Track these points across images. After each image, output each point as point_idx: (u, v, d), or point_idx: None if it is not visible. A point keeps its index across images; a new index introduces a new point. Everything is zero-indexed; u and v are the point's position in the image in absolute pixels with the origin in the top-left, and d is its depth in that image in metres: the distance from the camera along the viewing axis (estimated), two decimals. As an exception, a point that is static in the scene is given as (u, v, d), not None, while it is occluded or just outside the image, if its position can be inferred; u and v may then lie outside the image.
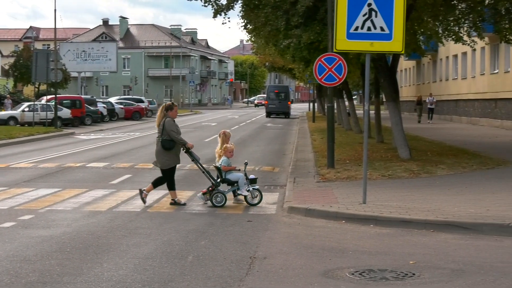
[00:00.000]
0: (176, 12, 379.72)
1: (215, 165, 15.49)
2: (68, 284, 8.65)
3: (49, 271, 9.25)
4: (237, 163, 16.32)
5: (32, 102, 48.39)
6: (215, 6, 23.76)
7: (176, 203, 15.01)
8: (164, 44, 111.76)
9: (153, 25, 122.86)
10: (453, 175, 19.28)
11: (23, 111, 47.49)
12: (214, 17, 23.77)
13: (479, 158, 23.28)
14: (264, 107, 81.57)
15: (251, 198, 15.14)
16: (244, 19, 25.78)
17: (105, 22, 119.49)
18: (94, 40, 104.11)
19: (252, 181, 15.25)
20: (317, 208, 13.88)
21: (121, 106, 61.85)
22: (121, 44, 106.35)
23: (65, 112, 47.94)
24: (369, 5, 13.93)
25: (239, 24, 26.88)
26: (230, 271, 9.30)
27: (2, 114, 49.30)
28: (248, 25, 26.47)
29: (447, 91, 55.28)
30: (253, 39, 39.83)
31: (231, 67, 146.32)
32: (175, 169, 15.48)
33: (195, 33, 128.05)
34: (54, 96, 46.49)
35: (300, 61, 33.18)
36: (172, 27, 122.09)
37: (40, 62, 43.26)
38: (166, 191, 16.40)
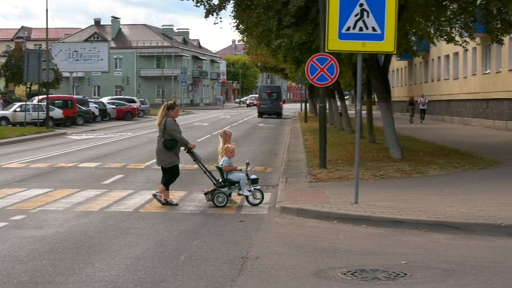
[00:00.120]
0: (168, 12, 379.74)
1: (217, 165, 15.49)
2: (60, 284, 8.64)
3: (41, 271, 9.23)
4: (234, 163, 16.29)
5: (24, 102, 48.25)
6: (207, 6, 23.72)
7: (168, 203, 14.99)
8: (156, 44, 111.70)
9: (145, 25, 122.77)
10: (445, 175, 19.32)
11: (14, 111, 47.31)
12: (206, 17, 23.72)
13: (470, 158, 23.34)
14: (256, 107, 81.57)
15: (252, 198, 15.14)
16: (236, 19, 25.80)
17: (97, 22, 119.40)
18: (86, 40, 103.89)
19: (254, 181, 15.24)
20: (309, 208, 13.89)
21: (113, 106, 61.79)
22: (113, 44, 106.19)
23: (57, 112, 47.87)
24: (361, 5, 13.95)
25: (231, 24, 26.94)
26: (222, 271, 9.30)
27: (-7, 114, 49.17)
28: (240, 25, 26.50)
29: (439, 91, 55.39)
30: (245, 39, 39.87)
31: (223, 67, 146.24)
32: (178, 167, 15.41)
33: (187, 33, 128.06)
34: (46, 96, 46.34)
35: (292, 61, 33.23)
36: (164, 27, 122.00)
37: (32, 62, 43.11)
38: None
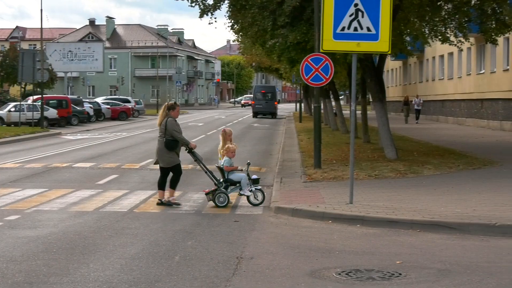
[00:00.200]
0: (162, 12, 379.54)
1: (217, 165, 15.48)
2: (54, 285, 8.62)
3: (35, 272, 9.22)
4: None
5: (18, 102, 48.12)
6: (202, 6, 23.69)
7: (163, 203, 14.97)
8: (150, 44, 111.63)
9: (139, 25, 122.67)
10: (439, 175, 19.33)
11: (9, 111, 47.23)
12: (201, 17, 23.70)
13: (465, 158, 23.36)
14: (250, 107, 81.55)
15: (253, 199, 15.12)
16: (231, 19, 25.76)
17: (92, 22, 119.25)
18: (81, 40, 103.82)
19: (255, 181, 15.23)
20: (304, 208, 13.89)
21: (108, 106, 61.73)
22: (107, 44, 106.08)
23: (52, 112, 47.80)
24: (356, 5, 13.95)
25: (226, 24, 26.88)
26: (217, 271, 9.29)
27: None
28: (235, 25, 26.46)
29: (434, 91, 55.45)
30: (240, 39, 39.86)
31: (217, 67, 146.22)
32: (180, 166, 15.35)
33: (182, 33, 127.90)
34: (40, 96, 46.28)
35: (287, 61, 33.19)
36: (158, 27, 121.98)
37: (27, 62, 43.06)
38: (154, 191, 16.40)
